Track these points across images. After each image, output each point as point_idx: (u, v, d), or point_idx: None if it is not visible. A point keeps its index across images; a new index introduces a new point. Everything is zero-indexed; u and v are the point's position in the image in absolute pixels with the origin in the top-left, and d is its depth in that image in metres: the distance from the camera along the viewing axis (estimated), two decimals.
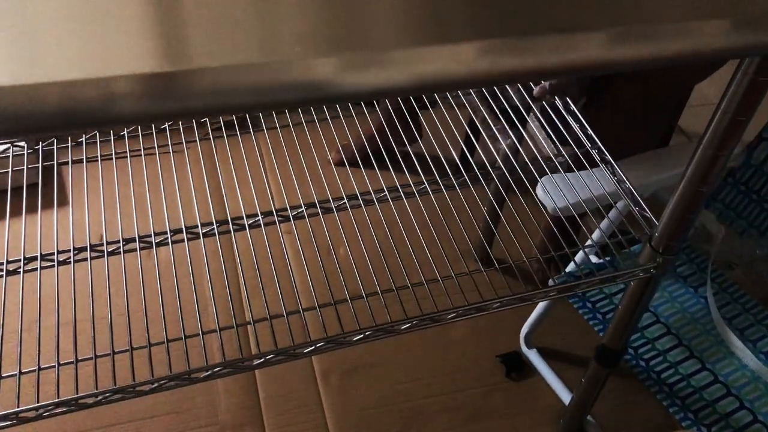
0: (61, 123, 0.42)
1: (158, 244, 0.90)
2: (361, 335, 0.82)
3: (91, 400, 0.76)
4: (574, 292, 0.84)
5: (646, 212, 0.91)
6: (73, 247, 0.89)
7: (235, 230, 0.92)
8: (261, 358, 0.80)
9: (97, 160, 0.97)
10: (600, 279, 0.86)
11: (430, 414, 1.18)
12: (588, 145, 1.02)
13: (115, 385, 0.76)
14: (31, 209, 0.91)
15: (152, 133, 0.99)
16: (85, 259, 0.89)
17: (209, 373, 0.79)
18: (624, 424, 1.20)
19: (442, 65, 0.47)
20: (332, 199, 0.95)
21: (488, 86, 1.07)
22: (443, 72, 0.47)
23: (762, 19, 0.51)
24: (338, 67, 0.45)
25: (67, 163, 0.96)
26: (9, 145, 0.97)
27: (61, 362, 0.79)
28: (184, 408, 1.15)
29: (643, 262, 0.89)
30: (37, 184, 0.95)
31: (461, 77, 0.48)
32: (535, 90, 1.08)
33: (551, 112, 1.07)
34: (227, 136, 0.99)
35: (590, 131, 1.03)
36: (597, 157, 1.00)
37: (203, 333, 0.82)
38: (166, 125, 0.99)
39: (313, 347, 0.81)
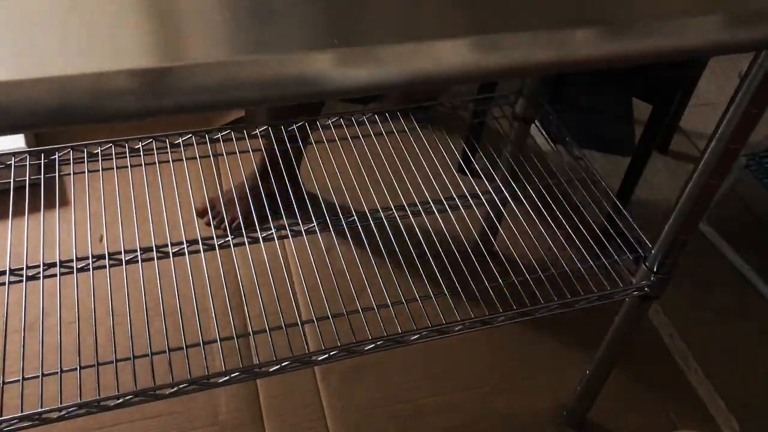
0: (58, 119, 0.42)
1: (175, 254, 0.93)
2: (373, 344, 0.85)
3: (112, 403, 0.78)
4: (574, 308, 0.89)
5: (641, 236, 0.96)
6: (92, 255, 0.91)
7: (235, 245, 0.95)
8: (277, 365, 0.83)
9: (99, 171, 0.98)
10: (598, 296, 0.91)
11: (429, 414, 1.19)
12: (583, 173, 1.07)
13: (137, 388, 0.78)
14: (42, 218, 0.93)
15: (153, 147, 1.01)
16: (104, 267, 0.91)
17: (227, 378, 0.81)
18: (625, 424, 1.22)
19: (437, 61, 0.48)
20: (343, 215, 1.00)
21: (485, 81, 1.05)
22: (437, 68, 0.48)
23: None
24: (334, 63, 0.45)
25: (69, 174, 0.98)
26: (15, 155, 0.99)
27: (83, 365, 0.81)
28: (185, 408, 1.15)
29: (638, 282, 0.94)
30: (39, 193, 0.96)
31: (456, 72, 0.50)
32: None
33: (544, 135, 1.13)
34: (227, 153, 1.02)
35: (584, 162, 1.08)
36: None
37: (221, 340, 0.84)
38: (167, 141, 1.02)
39: (326, 355, 0.84)
